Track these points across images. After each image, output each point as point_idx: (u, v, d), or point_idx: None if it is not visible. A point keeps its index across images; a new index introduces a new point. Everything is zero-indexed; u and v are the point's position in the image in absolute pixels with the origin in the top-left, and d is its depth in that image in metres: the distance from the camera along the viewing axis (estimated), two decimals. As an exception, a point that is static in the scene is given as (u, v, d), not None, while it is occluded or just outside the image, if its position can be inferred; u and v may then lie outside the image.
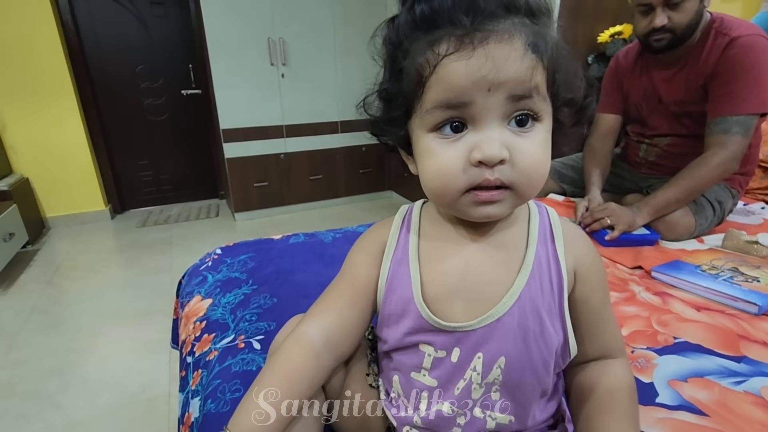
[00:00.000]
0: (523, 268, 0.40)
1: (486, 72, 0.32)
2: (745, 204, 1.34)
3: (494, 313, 0.39)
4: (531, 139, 0.35)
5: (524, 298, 0.39)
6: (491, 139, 0.33)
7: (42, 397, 1.27)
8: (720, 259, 0.93)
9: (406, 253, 0.43)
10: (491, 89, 0.32)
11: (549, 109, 0.36)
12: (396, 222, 0.46)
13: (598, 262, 0.44)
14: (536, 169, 0.35)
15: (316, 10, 2.65)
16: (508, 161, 0.34)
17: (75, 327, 1.65)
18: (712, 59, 1.04)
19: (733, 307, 0.78)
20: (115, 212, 2.97)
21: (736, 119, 1.03)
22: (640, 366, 0.63)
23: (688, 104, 1.12)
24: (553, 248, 0.41)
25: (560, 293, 0.41)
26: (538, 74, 0.33)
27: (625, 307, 0.80)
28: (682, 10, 1.01)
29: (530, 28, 0.33)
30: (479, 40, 0.32)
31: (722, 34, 1.03)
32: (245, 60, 2.54)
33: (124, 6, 2.67)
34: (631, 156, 1.33)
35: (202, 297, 0.87)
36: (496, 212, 0.36)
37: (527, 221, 0.43)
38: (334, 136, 2.97)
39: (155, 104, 2.94)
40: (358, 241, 0.48)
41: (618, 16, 1.82)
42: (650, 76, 1.18)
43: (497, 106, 0.33)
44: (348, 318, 0.44)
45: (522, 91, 0.33)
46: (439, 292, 0.41)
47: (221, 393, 0.60)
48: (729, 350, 0.66)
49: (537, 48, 0.33)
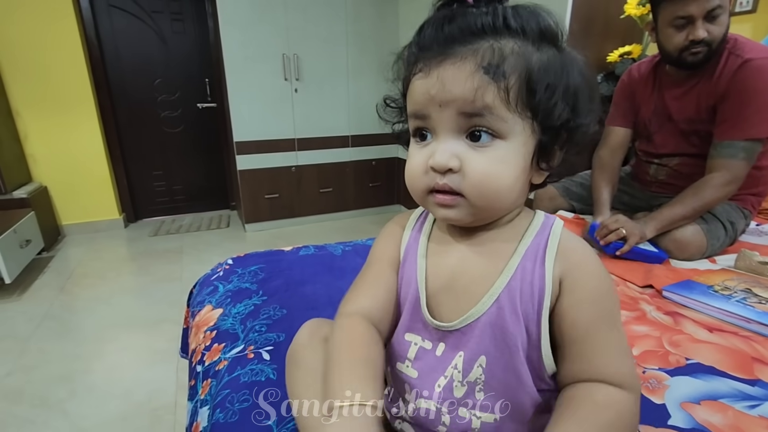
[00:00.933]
0: (505, 269, 0.41)
1: (435, 91, 0.36)
2: (758, 224, 1.32)
3: (474, 313, 0.41)
4: (485, 153, 0.37)
5: (503, 300, 0.40)
6: (442, 150, 0.37)
7: (51, 404, 1.28)
8: (732, 280, 0.92)
9: (415, 246, 0.47)
10: (441, 105, 0.37)
11: (519, 128, 0.36)
12: (410, 221, 0.51)
13: (595, 278, 0.41)
14: (485, 181, 0.37)
15: (329, 28, 2.72)
16: (459, 171, 0.37)
17: (85, 334, 1.66)
18: (724, 80, 1.04)
19: (746, 328, 0.77)
20: (129, 221, 3.03)
21: (743, 145, 1.03)
22: (651, 387, 0.62)
23: (697, 123, 1.12)
24: (543, 255, 0.41)
25: (540, 300, 0.40)
26: (488, 94, 0.35)
27: (636, 326, 0.79)
28: (719, 22, 1.01)
29: (497, 51, 0.35)
30: (436, 63, 0.36)
31: (735, 55, 1.03)
32: (260, 75, 2.60)
33: (145, 22, 2.77)
34: (642, 175, 1.33)
35: (212, 306, 0.88)
36: (452, 216, 0.40)
37: (524, 230, 0.43)
38: (345, 150, 3.01)
39: (171, 116, 3.01)
40: (381, 231, 0.53)
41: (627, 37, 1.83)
42: (662, 92, 1.19)
43: (449, 120, 0.37)
44: (382, 295, 0.46)
45: (471, 110, 0.36)
46: (436, 285, 0.44)
47: (230, 403, 0.60)
48: (743, 373, 0.65)
49: (493, 70, 0.34)
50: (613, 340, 0.40)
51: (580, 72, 0.38)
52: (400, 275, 0.47)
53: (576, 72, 0.37)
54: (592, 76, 0.40)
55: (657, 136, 1.23)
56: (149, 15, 2.77)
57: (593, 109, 0.39)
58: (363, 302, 0.45)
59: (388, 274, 0.47)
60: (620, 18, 1.73)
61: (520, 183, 0.39)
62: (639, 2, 1.62)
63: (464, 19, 0.36)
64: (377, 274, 0.48)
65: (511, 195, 0.39)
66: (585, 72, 0.38)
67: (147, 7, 2.75)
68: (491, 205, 0.39)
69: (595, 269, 0.41)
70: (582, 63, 0.39)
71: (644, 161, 1.31)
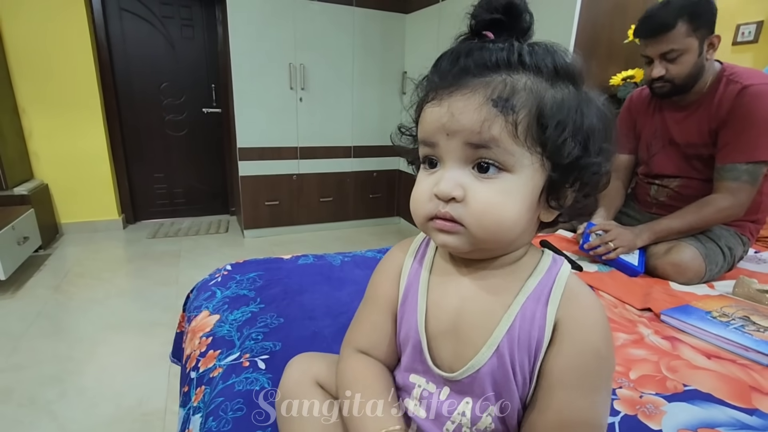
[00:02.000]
0: (505, 317, 0.40)
1: (444, 120, 0.37)
2: (756, 252, 1.33)
3: (474, 364, 0.40)
4: (490, 185, 0.36)
5: (503, 349, 0.39)
6: (447, 178, 0.37)
7: (39, 404, 1.26)
8: (731, 307, 0.92)
9: (416, 284, 0.46)
10: (449, 135, 0.37)
11: (527, 162, 0.36)
12: (412, 248, 0.49)
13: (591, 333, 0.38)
14: (487, 213, 0.36)
15: (337, 40, 2.76)
16: (462, 200, 0.37)
17: (77, 335, 1.65)
18: (725, 106, 1.07)
19: (744, 356, 0.76)
20: (128, 222, 3.02)
21: (745, 168, 1.05)
22: (648, 412, 0.62)
23: (699, 147, 1.14)
24: (545, 304, 0.39)
25: (537, 350, 0.39)
26: (495, 127, 0.35)
27: (633, 349, 0.79)
28: (679, 63, 1.06)
29: (509, 85, 0.35)
30: (447, 93, 0.37)
31: (734, 81, 1.07)
32: (266, 83, 2.63)
33: (155, 26, 2.81)
34: (642, 196, 1.34)
35: (209, 312, 0.87)
36: (450, 243, 0.39)
37: (530, 272, 0.41)
38: (347, 161, 3.03)
39: (176, 120, 3.03)
40: (379, 265, 0.52)
41: (630, 61, 1.86)
42: (663, 115, 1.22)
43: (456, 150, 0.37)
44: (382, 339, 0.48)
45: (477, 141, 0.36)
46: (438, 327, 0.43)
47: (223, 411, 0.60)
48: (740, 402, 0.65)
49: (502, 103, 0.35)
50: (585, 407, 0.38)
51: (597, 112, 0.38)
52: (400, 314, 0.47)
53: (592, 112, 0.37)
54: (610, 117, 0.39)
55: (657, 158, 1.25)
56: (160, 20, 2.81)
57: (606, 150, 0.38)
58: (365, 344, 0.48)
59: (386, 319, 0.48)
60: (624, 43, 1.76)
61: (525, 219, 0.38)
62: (642, 28, 1.65)
63: (480, 53, 0.36)
64: (376, 319, 0.48)
65: (514, 229, 0.38)
66: (603, 113, 0.38)
67: (158, 12, 2.79)
68: (492, 237, 0.38)
69: (594, 324, 0.39)
70: (601, 104, 0.38)
71: (645, 182, 1.32)
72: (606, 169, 0.38)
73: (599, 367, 0.39)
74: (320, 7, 2.66)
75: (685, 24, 1.02)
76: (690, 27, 1.03)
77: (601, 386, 0.39)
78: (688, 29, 1.03)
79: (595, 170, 0.38)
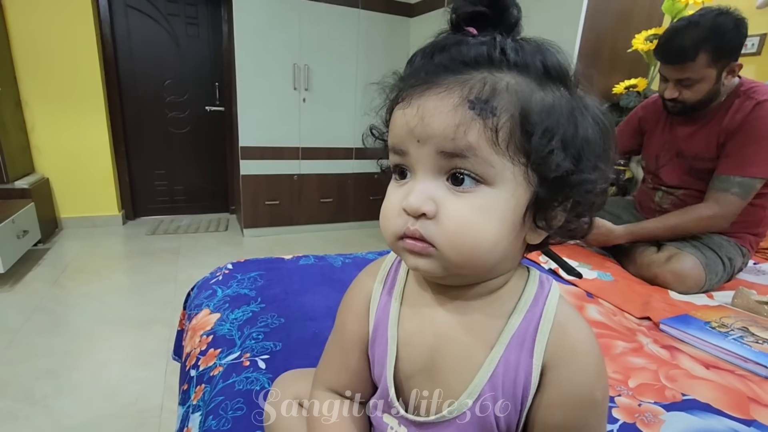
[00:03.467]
0: (486, 362, 0.35)
1: (414, 124, 0.32)
2: (756, 263, 1.33)
3: (452, 411, 0.36)
4: (465, 200, 0.31)
5: (483, 397, 0.35)
6: (417, 191, 0.32)
7: (35, 398, 1.26)
8: (730, 317, 0.93)
9: (386, 319, 0.41)
10: (420, 141, 0.32)
11: (509, 175, 0.31)
12: (381, 274, 0.44)
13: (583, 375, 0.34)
14: (461, 232, 0.31)
15: (341, 41, 2.77)
16: (434, 217, 0.32)
17: (75, 330, 1.64)
18: (738, 119, 1.06)
19: (742, 367, 0.77)
20: (127, 218, 3.02)
21: (738, 180, 1.06)
22: (647, 421, 0.62)
23: (707, 161, 1.15)
24: (531, 344, 0.35)
25: (523, 398, 0.35)
26: (472, 133, 0.30)
27: (632, 358, 0.79)
28: (694, 90, 1.06)
29: (489, 84, 0.30)
30: (419, 92, 0.32)
31: (750, 97, 1.06)
32: (270, 82, 2.63)
33: (160, 24, 2.82)
34: (646, 202, 1.35)
35: (210, 311, 0.87)
36: (422, 266, 0.34)
37: (514, 304, 0.37)
38: (348, 162, 3.03)
39: (178, 117, 3.03)
40: (344, 297, 0.47)
41: (633, 69, 1.87)
42: (674, 128, 1.22)
43: (428, 159, 0.32)
44: (352, 377, 0.45)
45: (451, 149, 0.31)
46: (411, 368, 0.39)
47: (223, 410, 0.60)
48: (738, 412, 0.65)
49: (481, 105, 0.30)
50: None
51: (593, 121, 0.32)
52: (371, 353, 0.43)
53: (588, 120, 0.32)
54: (609, 129, 0.33)
55: (665, 170, 1.25)
56: (165, 17, 2.81)
57: (603, 167, 0.33)
58: (335, 384, 0.45)
59: (357, 357, 0.44)
60: (627, 52, 1.77)
61: (506, 241, 0.33)
62: (646, 38, 1.66)
63: (458, 48, 0.32)
64: (346, 359, 0.44)
65: (492, 253, 0.33)
66: (600, 122, 0.33)
67: (163, 10, 2.79)
68: (468, 262, 0.33)
69: (587, 366, 0.34)
70: (597, 111, 0.33)
71: (650, 188, 1.33)
72: (602, 188, 0.33)
73: (597, 412, 0.36)
74: (326, 8, 2.67)
75: (707, 55, 0.99)
76: (711, 58, 0.99)
77: (599, 426, 0.36)
78: (709, 60, 1.00)
79: (589, 188, 0.32)
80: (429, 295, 0.39)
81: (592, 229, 0.37)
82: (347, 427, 0.43)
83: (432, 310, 0.39)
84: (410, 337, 0.40)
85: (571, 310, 0.37)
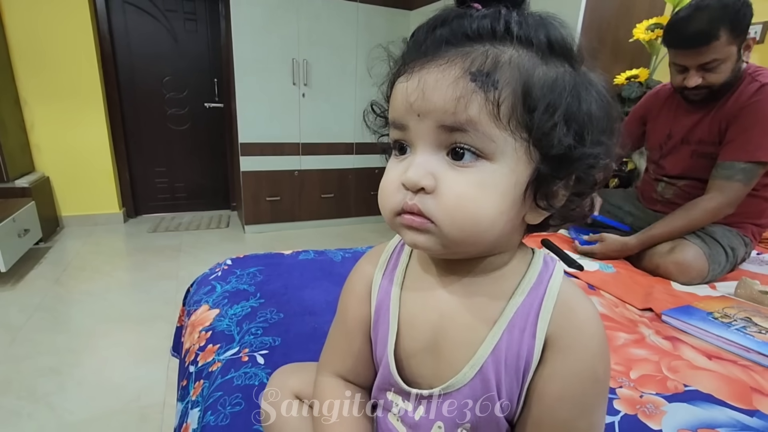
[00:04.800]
0: (490, 335, 0.36)
1: (414, 98, 0.31)
2: (759, 253, 1.32)
3: (455, 383, 0.37)
4: (465, 174, 0.31)
5: (486, 370, 0.36)
6: (416, 164, 0.32)
7: (37, 396, 1.26)
8: (733, 308, 0.92)
9: (387, 302, 0.42)
10: (420, 115, 0.32)
11: (510, 150, 0.31)
12: (382, 260, 0.44)
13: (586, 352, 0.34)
14: (460, 206, 0.31)
15: (340, 36, 2.75)
16: (433, 191, 0.32)
17: (77, 327, 1.65)
18: (741, 102, 1.05)
19: (745, 357, 0.76)
20: (128, 216, 3.02)
21: (742, 166, 1.05)
22: (648, 412, 0.61)
23: (709, 145, 1.13)
24: (534, 320, 0.35)
25: (525, 372, 0.35)
26: (473, 106, 0.30)
27: (634, 349, 0.78)
28: (718, 71, 1.02)
29: (492, 56, 0.30)
30: (420, 65, 0.32)
31: (754, 79, 1.05)
32: (269, 78, 2.62)
33: (158, 20, 2.80)
34: (648, 192, 1.34)
35: (209, 306, 0.87)
36: (420, 242, 0.34)
37: (518, 280, 0.37)
38: (348, 157, 3.02)
39: (178, 114, 3.03)
40: (347, 281, 0.47)
41: (635, 60, 1.85)
42: (678, 117, 1.20)
43: (428, 133, 0.32)
44: (355, 362, 0.45)
45: (451, 122, 0.30)
46: (414, 346, 0.40)
47: (222, 406, 0.59)
48: (741, 403, 0.64)
49: (482, 77, 0.29)
50: (582, 429, 0.35)
51: (598, 97, 0.32)
52: (373, 336, 0.43)
53: (592, 95, 0.32)
54: (612, 104, 0.33)
55: (669, 159, 1.24)
56: (163, 13, 2.80)
57: (606, 142, 0.32)
58: (340, 369, 0.46)
59: (360, 342, 0.44)
60: (629, 42, 1.75)
61: (506, 217, 0.32)
62: (648, 27, 1.64)
63: (460, 21, 0.31)
64: (349, 344, 0.45)
65: (492, 229, 0.32)
66: (604, 98, 0.33)
67: (161, 6, 2.78)
68: (467, 238, 0.32)
69: (590, 343, 0.35)
70: (602, 87, 0.33)
71: (653, 178, 1.32)
72: (604, 163, 0.33)
73: (597, 389, 0.35)
74: (324, 2, 2.65)
75: (726, 32, 0.97)
76: (732, 34, 0.98)
77: (598, 405, 0.36)
78: (729, 37, 0.98)
79: (591, 163, 0.32)
80: (432, 277, 0.40)
81: (593, 211, 0.36)
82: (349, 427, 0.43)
83: (435, 290, 0.39)
84: (412, 318, 0.40)
85: (575, 288, 0.37)
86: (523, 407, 0.37)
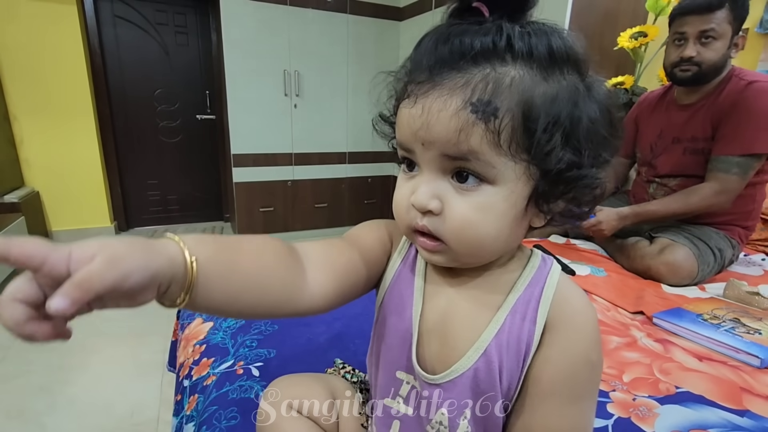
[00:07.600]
0: (493, 321, 0.38)
1: (418, 127, 0.33)
2: (746, 255, 1.35)
3: (458, 368, 0.38)
4: (468, 198, 0.33)
5: (490, 353, 0.37)
6: (423, 190, 0.34)
7: (28, 416, 1.24)
8: (721, 309, 0.93)
9: (411, 279, 0.42)
10: (424, 144, 0.33)
11: (511, 173, 0.32)
12: (401, 246, 0.45)
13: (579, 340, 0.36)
14: (465, 228, 0.34)
15: (331, 47, 2.78)
16: (440, 213, 0.34)
17: (68, 344, 1.59)
18: (729, 100, 1.10)
19: (735, 358, 0.77)
20: (120, 229, 2.99)
21: (737, 160, 1.08)
22: (641, 414, 0.62)
23: (700, 141, 1.17)
24: (535, 308, 0.37)
25: (525, 356, 0.37)
26: (474, 137, 0.31)
27: (626, 352, 0.79)
28: (711, 47, 1.09)
29: (492, 82, 0.30)
30: (423, 92, 0.32)
31: (740, 78, 1.11)
32: (260, 89, 2.63)
33: (149, 33, 2.81)
34: (640, 194, 1.36)
35: (203, 320, 0.87)
36: (436, 260, 0.37)
37: (519, 273, 0.39)
38: (341, 167, 3.03)
39: (170, 127, 3.02)
40: (370, 222, 0.46)
41: (620, 67, 1.89)
42: (670, 116, 1.24)
43: (433, 160, 0.34)
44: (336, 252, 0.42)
45: (454, 153, 0.32)
46: (424, 326, 0.41)
47: (217, 420, 0.59)
48: (732, 403, 0.65)
49: (483, 107, 0.30)
50: (573, 414, 0.36)
51: (598, 108, 0.33)
52: (387, 298, 0.43)
53: (592, 108, 0.33)
54: (613, 115, 0.34)
55: (660, 159, 1.27)
56: (154, 27, 2.80)
57: (605, 156, 0.34)
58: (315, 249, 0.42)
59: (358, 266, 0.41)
60: (614, 49, 1.79)
61: (508, 231, 0.35)
62: (632, 36, 1.68)
63: (461, 39, 0.31)
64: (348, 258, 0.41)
65: (495, 244, 0.36)
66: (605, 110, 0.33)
67: (152, 19, 2.79)
68: (474, 253, 0.36)
69: (584, 329, 0.37)
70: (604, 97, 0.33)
71: (644, 180, 1.35)
72: (601, 181, 0.34)
73: (589, 374, 0.37)
74: (314, 14, 2.67)
75: (727, 9, 1.06)
76: (731, 15, 1.06)
77: (590, 392, 0.38)
78: (729, 16, 1.06)
79: (588, 183, 0.34)
80: (440, 274, 0.42)
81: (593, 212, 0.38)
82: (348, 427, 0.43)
83: (444, 283, 0.41)
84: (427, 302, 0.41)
85: (570, 281, 0.40)
86: (519, 393, 0.38)
